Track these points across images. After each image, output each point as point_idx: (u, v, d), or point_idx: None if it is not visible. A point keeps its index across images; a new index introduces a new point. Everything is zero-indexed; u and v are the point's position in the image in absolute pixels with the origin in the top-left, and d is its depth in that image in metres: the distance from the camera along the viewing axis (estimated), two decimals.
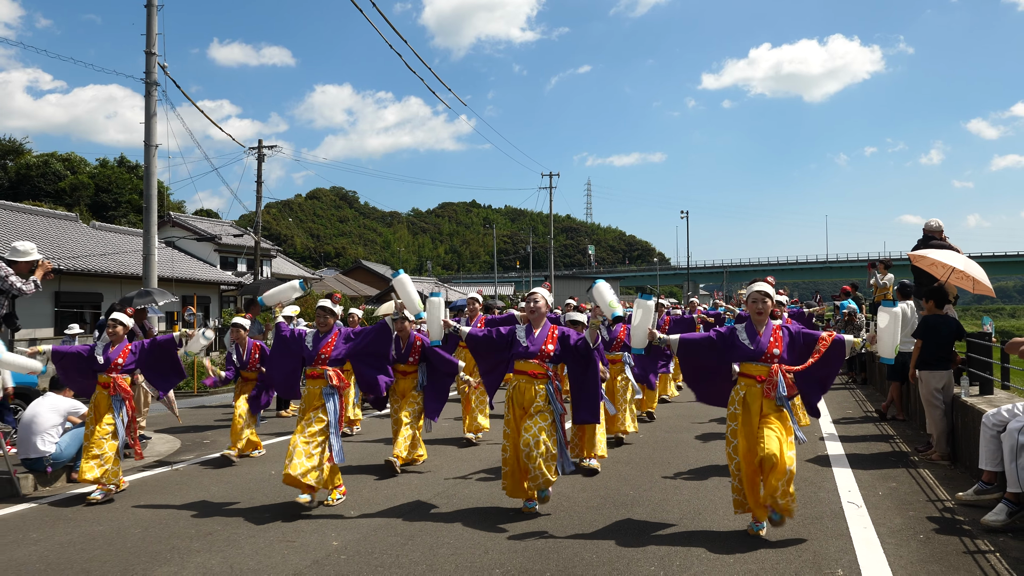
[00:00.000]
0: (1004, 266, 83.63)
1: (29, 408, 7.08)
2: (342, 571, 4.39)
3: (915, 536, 4.83)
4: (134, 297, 10.35)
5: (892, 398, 9.75)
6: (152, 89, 15.74)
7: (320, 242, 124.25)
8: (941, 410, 7.17)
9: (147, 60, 15.75)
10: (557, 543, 4.81)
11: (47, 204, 41.19)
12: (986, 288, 7.54)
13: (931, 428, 7.30)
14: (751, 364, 4.95)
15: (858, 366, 14.53)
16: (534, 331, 5.66)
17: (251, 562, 4.61)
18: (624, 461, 7.38)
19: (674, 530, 5.05)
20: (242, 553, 4.78)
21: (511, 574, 4.27)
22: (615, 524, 5.22)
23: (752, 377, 4.92)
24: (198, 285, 26.23)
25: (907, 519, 5.21)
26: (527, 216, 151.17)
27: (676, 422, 9.82)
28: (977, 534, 4.85)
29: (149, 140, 15.71)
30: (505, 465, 5.61)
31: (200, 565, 4.59)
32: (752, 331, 5.00)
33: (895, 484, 6.22)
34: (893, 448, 7.80)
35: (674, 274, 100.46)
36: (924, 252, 7.84)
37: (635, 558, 4.47)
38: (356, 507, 5.89)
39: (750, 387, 4.91)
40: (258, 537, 5.12)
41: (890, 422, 9.45)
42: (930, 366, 7.26)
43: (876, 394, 12.31)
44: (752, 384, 4.91)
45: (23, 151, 60.36)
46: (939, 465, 6.94)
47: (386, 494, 6.31)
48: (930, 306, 7.43)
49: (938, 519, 5.21)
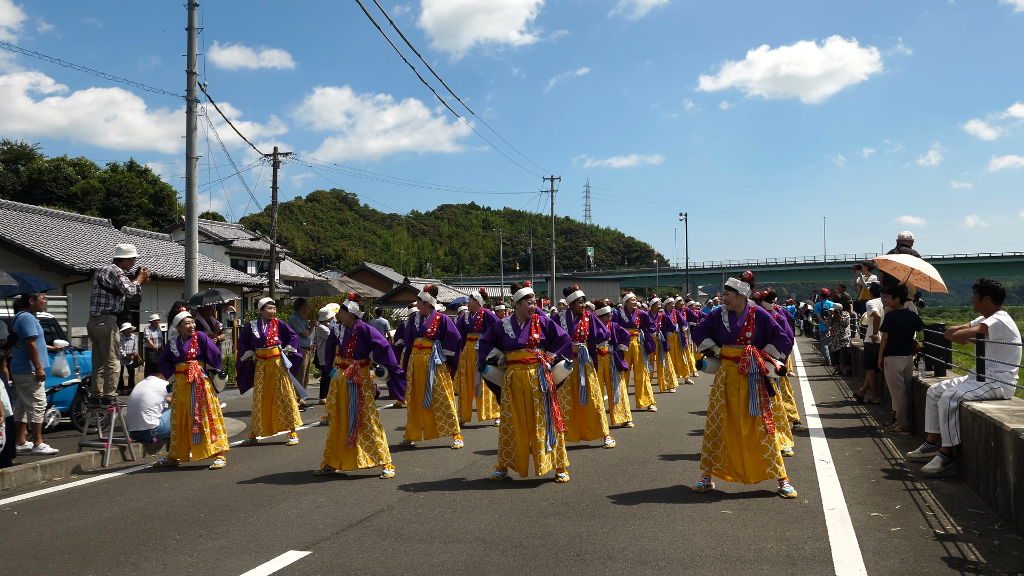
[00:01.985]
0: (1003, 267, 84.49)
1: (136, 389, 8.40)
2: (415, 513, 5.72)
3: (868, 480, 6.17)
4: (203, 296, 11.65)
5: (868, 384, 11.08)
6: (193, 106, 17.02)
7: (320, 244, 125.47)
8: (903, 389, 8.52)
9: (188, 79, 17.02)
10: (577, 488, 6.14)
11: (59, 208, 42.44)
12: (940, 286, 8.88)
13: (895, 405, 8.64)
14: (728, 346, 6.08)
15: (843, 359, 15.86)
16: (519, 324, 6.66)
17: (349, 499, 5.94)
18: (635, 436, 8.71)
19: (676, 483, 6.39)
20: (336, 493, 6.11)
21: (555, 506, 5.60)
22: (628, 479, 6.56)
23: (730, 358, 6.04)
24: (222, 286, 27.49)
25: (865, 470, 6.54)
26: (526, 218, 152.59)
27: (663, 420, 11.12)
28: (917, 479, 6.18)
29: (190, 152, 16.98)
30: (505, 445, 6.55)
31: (312, 502, 5.93)
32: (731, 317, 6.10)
33: (860, 448, 7.56)
34: (864, 423, 9.14)
35: (673, 275, 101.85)
36: (887, 257, 9.21)
37: (648, 499, 5.80)
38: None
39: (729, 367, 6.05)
40: (343, 487, 6.46)
41: (866, 405, 10.78)
42: (894, 352, 8.60)
43: (858, 384, 13.61)
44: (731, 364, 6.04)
45: (34, 156, 61.53)
46: (900, 435, 8.27)
47: (439, 458, 7.62)
48: (895, 302, 8.78)
49: (889, 470, 6.55)
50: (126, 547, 4.97)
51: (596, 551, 4.55)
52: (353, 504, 5.90)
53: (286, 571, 4.39)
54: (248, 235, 45.63)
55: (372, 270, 70.13)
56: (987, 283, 6.56)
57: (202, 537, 5.13)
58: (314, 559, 4.57)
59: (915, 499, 5.58)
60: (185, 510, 5.89)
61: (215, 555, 4.73)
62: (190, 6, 16.89)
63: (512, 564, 4.38)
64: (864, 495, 5.70)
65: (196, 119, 17.20)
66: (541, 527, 5.10)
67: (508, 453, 6.55)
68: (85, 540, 5.17)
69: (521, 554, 4.55)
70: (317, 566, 4.44)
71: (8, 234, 18.87)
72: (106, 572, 4.49)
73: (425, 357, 8.60)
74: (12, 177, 55.59)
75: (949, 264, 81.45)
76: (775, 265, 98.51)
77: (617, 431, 8.86)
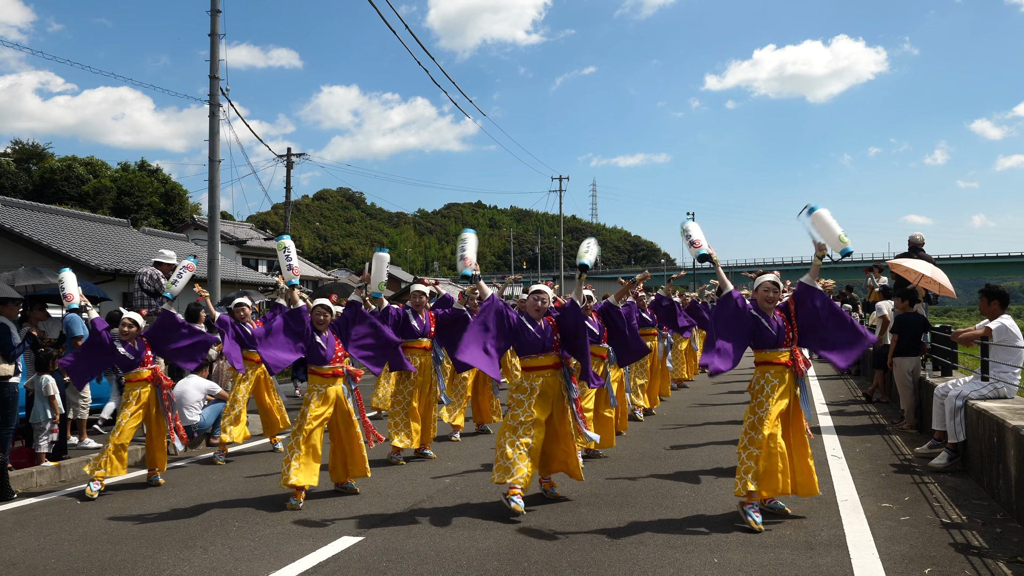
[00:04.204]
0: (1010, 266, 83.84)
1: (178, 385, 8.81)
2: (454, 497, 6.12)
3: (878, 474, 6.54)
4: (234, 297, 12.05)
5: (877, 383, 11.42)
6: (216, 110, 17.45)
7: (327, 243, 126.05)
8: (911, 389, 8.87)
9: (211, 84, 17.43)
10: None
11: (71, 207, 42.97)
12: (949, 291, 9.23)
13: (903, 404, 9.00)
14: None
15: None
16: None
17: (391, 488, 6.34)
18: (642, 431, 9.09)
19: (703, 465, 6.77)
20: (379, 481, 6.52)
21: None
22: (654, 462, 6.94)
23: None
24: (240, 286, 27.96)
25: (875, 465, 6.91)
26: (533, 217, 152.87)
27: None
28: (925, 473, 6.55)
29: (213, 156, 17.38)
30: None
31: (354, 494, 6.34)
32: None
33: (870, 444, 7.93)
34: (873, 421, 9.50)
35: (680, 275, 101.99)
36: (899, 260, 9.57)
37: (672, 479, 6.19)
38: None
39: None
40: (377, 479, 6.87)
41: (874, 403, 11.13)
42: (903, 353, 8.95)
43: (866, 383, 13.96)
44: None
45: (45, 155, 62.15)
46: (908, 433, 8.62)
47: (469, 447, 8.02)
48: (904, 305, 9.14)
49: (898, 465, 6.91)
50: (191, 532, 5.37)
51: (628, 537, 4.94)
52: (395, 495, 6.29)
53: (344, 554, 4.79)
54: (259, 234, 46.13)
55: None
56: (993, 288, 6.92)
57: (259, 524, 5.53)
58: (368, 544, 4.97)
59: (923, 491, 5.94)
60: (238, 500, 6.30)
61: (275, 539, 5.13)
62: (213, 12, 17.26)
63: (552, 548, 4.77)
64: (875, 488, 6.07)
65: (219, 123, 17.66)
66: (575, 516, 5.49)
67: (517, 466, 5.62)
68: (152, 526, 5.58)
69: (559, 539, 4.94)
70: (372, 550, 4.84)
71: (36, 235, 19.31)
72: (178, 555, 4.89)
73: (428, 359, 7.98)
74: (24, 176, 56.08)
75: (956, 264, 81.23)
76: (783, 264, 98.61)
77: (634, 424, 9.24)
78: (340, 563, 4.64)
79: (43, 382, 7.59)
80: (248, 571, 4.54)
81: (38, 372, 7.77)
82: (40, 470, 7.28)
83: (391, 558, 4.67)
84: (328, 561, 4.67)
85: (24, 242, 19.17)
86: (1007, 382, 6.59)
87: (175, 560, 4.79)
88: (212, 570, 4.59)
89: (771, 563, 4.39)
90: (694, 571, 4.32)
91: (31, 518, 6.00)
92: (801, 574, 4.21)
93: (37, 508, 6.35)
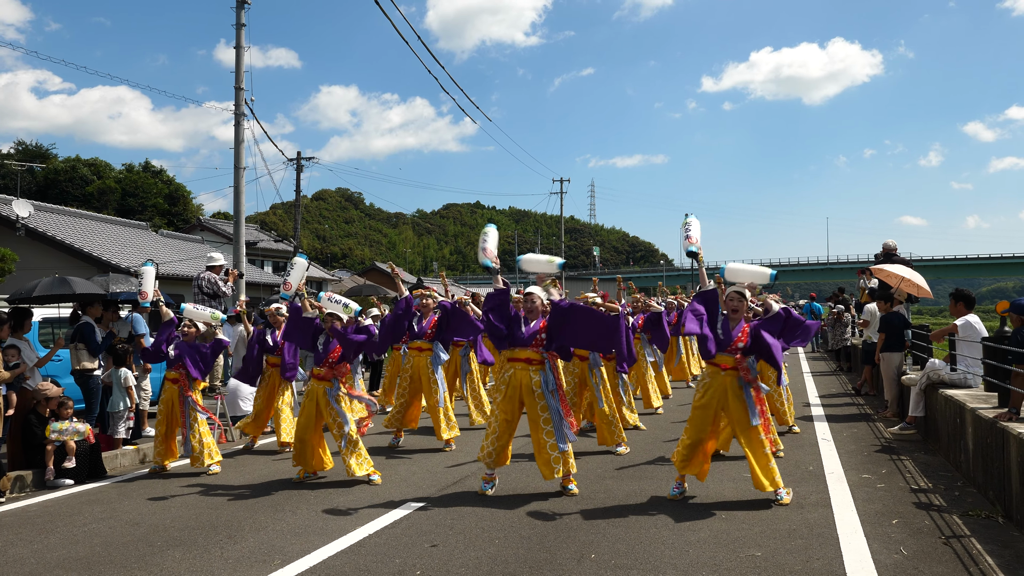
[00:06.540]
0: (1004, 268, 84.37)
1: (232, 379, 9.75)
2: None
3: (861, 453, 7.52)
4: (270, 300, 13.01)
5: (865, 378, 12.42)
6: (240, 119, 18.37)
7: (326, 243, 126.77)
8: (895, 381, 9.87)
9: (236, 95, 18.35)
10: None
11: (76, 208, 43.73)
12: (927, 292, 10.23)
13: (887, 394, 9.99)
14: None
15: (843, 356, 17.20)
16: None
17: (413, 473, 7.30)
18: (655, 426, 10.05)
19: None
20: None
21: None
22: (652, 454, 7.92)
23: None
24: (259, 287, 28.85)
25: (859, 446, 7.90)
26: (531, 217, 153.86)
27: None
28: (902, 452, 7.54)
29: (238, 163, 18.32)
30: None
31: (407, 470, 7.29)
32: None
33: (856, 430, 8.92)
34: (860, 411, 10.49)
35: (678, 275, 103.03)
36: (882, 266, 10.58)
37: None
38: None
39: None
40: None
41: (863, 396, 12.12)
42: (890, 349, 9.95)
43: (857, 379, 14.96)
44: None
45: (49, 156, 62.81)
46: (891, 420, 9.61)
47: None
48: (885, 307, 10.14)
49: (879, 446, 7.90)
50: (277, 501, 6.33)
51: (651, 505, 5.92)
52: (443, 472, 7.26)
53: (414, 514, 5.76)
54: (267, 236, 46.94)
55: (383, 269, 71.45)
56: (961, 291, 7.92)
57: (332, 494, 6.49)
58: (431, 509, 5.93)
59: (898, 466, 6.93)
60: (311, 478, 7.24)
61: (352, 505, 6.08)
62: (238, 26, 18.19)
63: (588, 511, 5.74)
64: (858, 463, 7.05)
65: (243, 132, 18.53)
66: (602, 486, 6.46)
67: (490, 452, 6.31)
68: (242, 493, 6.53)
69: (590, 505, 5.91)
70: (436, 512, 5.80)
71: (67, 239, 20.25)
72: (272, 515, 5.84)
73: (425, 360, 8.46)
74: (28, 177, 56.53)
75: (950, 264, 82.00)
76: (778, 265, 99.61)
77: (645, 418, 10.20)
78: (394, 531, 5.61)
79: (122, 374, 8.50)
80: (338, 526, 5.50)
81: (115, 366, 8.69)
82: (123, 452, 8.21)
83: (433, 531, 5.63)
84: (386, 528, 5.65)
85: (57, 245, 20.10)
86: (973, 373, 7.57)
87: (271, 519, 5.74)
88: (303, 528, 5.55)
89: (767, 518, 5.36)
90: (708, 525, 5.29)
91: (131, 491, 6.94)
92: (792, 526, 5.18)
93: (132, 483, 7.30)
